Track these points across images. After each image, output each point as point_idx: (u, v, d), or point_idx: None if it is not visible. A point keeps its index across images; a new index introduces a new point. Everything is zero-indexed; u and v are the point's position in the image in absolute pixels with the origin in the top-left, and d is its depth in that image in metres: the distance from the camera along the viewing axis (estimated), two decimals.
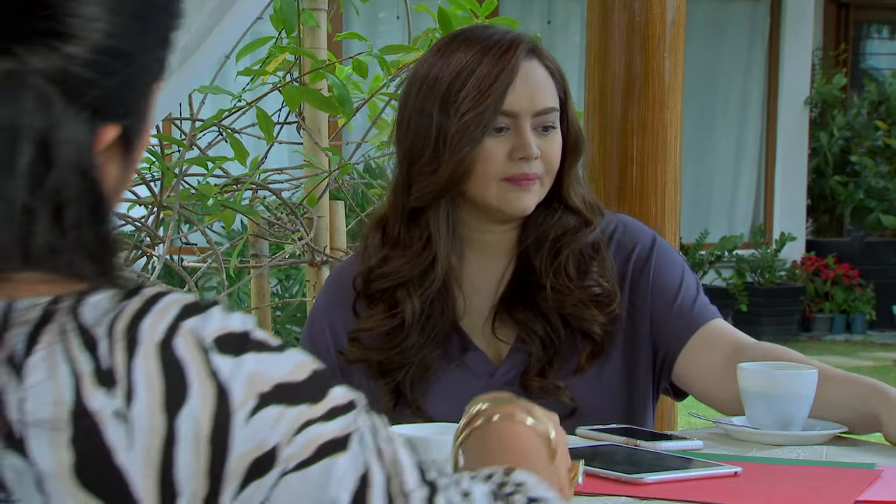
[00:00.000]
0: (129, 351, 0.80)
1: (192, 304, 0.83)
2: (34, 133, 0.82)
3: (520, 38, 1.80)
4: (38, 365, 0.79)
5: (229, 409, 0.80)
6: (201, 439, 0.80)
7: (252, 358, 0.82)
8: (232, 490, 0.81)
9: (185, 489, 0.80)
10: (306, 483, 0.83)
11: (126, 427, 0.79)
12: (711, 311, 1.86)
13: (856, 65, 10.73)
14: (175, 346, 0.81)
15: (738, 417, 1.72)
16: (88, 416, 0.78)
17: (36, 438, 0.78)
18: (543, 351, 1.80)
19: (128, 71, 0.87)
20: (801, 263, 9.58)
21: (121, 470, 0.79)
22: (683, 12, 2.51)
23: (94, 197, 0.85)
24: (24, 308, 0.82)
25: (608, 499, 1.35)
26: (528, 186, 1.77)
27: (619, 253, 1.87)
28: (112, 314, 0.81)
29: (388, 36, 8.35)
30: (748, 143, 9.97)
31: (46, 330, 0.80)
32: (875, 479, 1.42)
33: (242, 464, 0.81)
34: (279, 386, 0.83)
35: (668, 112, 2.49)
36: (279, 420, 0.82)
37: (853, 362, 8.30)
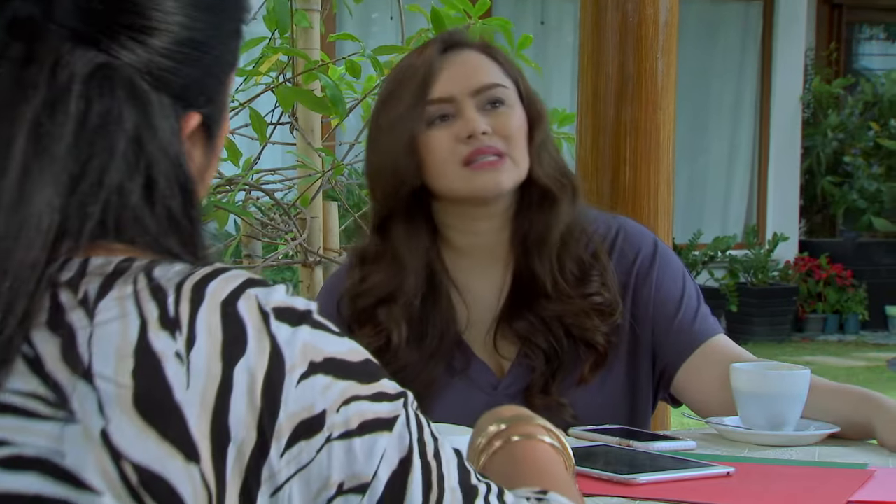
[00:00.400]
0: (194, 304, 0.85)
1: (259, 279, 0.89)
2: (128, 121, 0.89)
3: (437, 37, 1.85)
4: (109, 307, 0.84)
5: (283, 370, 0.84)
6: (255, 392, 0.83)
7: (308, 331, 0.87)
8: (280, 447, 0.84)
9: (236, 437, 0.83)
10: (350, 453, 0.86)
11: (185, 368, 0.83)
12: (713, 325, 1.85)
13: (848, 65, 10.74)
14: (238, 306, 0.85)
15: (731, 418, 1.72)
16: (151, 354, 0.83)
17: (102, 366, 0.82)
18: (547, 364, 1.79)
19: (206, 60, 0.94)
20: (793, 264, 9.60)
21: (179, 407, 0.82)
22: (676, 13, 2.52)
23: (181, 179, 0.92)
24: (100, 263, 0.87)
25: (601, 499, 1.35)
26: (496, 165, 1.76)
27: (621, 261, 1.85)
28: (182, 275, 0.87)
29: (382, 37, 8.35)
30: (741, 143, 9.98)
31: (119, 281, 0.86)
32: (867, 479, 1.42)
33: (291, 423, 0.84)
34: (331, 359, 0.87)
35: (661, 113, 2.49)
36: (327, 389, 0.86)
37: (846, 363, 8.31)
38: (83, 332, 0.84)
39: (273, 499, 0.84)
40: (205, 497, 0.82)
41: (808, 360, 8.20)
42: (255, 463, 0.83)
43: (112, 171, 0.88)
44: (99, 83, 0.88)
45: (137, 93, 0.90)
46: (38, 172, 0.86)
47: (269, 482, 0.84)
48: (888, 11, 10.89)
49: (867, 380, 7.45)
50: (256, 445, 0.83)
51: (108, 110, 0.88)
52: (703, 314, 1.85)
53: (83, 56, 0.88)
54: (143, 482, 0.81)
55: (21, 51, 0.88)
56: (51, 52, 0.88)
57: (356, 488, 0.86)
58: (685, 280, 1.87)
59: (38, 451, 0.82)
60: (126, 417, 0.82)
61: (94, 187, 0.88)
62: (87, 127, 0.88)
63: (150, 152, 0.90)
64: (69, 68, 0.88)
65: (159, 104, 0.91)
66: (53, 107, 0.87)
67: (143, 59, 0.90)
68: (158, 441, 0.82)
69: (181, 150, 0.93)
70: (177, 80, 0.92)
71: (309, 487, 0.85)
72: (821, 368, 7.77)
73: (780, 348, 8.81)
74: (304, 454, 0.84)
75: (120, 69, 0.89)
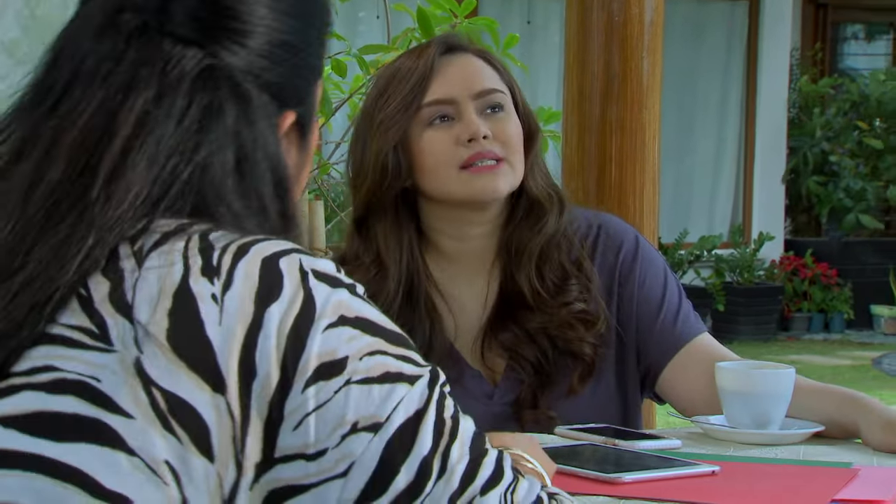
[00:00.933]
0: (237, 257, 0.93)
1: (307, 251, 0.96)
2: (230, 115, 0.98)
3: (435, 39, 1.85)
4: (158, 256, 0.93)
5: (312, 317, 0.91)
6: (283, 333, 0.90)
7: (346, 294, 0.94)
8: (301, 383, 0.90)
9: (261, 373, 0.90)
10: (367, 396, 0.92)
11: (219, 308, 0.90)
12: (695, 325, 1.84)
13: (833, 65, 10.78)
14: (280, 262, 0.93)
15: (716, 417, 1.72)
16: (188, 295, 0.91)
17: (142, 306, 0.91)
18: (536, 376, 1.78)
19: (297, 62, 1.04)
20: (779, 263, 9.62)
21: (209, 341, 0.90)
22: (662, 13, 2.52)
23: (278, 173, 1.01)
24: (162, 223, 0.95)
25: (586, 498, 1.35)
26: (493, 169, 1.75)
27: (603, 259, 1.85)
28: (234, 238, 0.95)
29: (368, 35, 8.34)
30: (727, 143, 10.00)
31: (173, 238, 0.94)
32: (852, 477, 1.43)
33: (312, 363, 0.90)
34: (363, 319, 0.94)
35: (646, 112, 2.50)
36: (353, 339, 0.93)
37: (831, 361, 8.34)
38: (130, 277, 0.92)
39: (295, 432, 0.90)
40: (229, 425, 0.89)
41: (793, 359, 8.22)
42: (278, 398, 0.90)
43: (210, 158, 0.97)
44: (204, 81, 0.98)
45: (240, 90, 0.99)
46: (138, 151, 0.95)
47: (291, 416, 0.90)
48: (873, 11, 10.93)
49: (852, 378, 7.48)
50: (280, 382, 0.90)
51: (210, 103, 0.98)
52: (686, 312, 1.85)
53: (192, 58, 0.99)
54: (171, 408, 0.89)
55: (137, 55, 0.98)
56: (162, 54, 0.98)
57: (369, 427, 0.91)
58: (667, 277, 1.86)
59: (78, 376, 0.90)
60: (159, 350, 0.89)
61: (188, 168, 0.96)
62: (190, 116, 0.97)
63: (247, 144, 0.99)
64: (179, 68, 0.98)
65: (259, 101, 1.01)
66: (160, 99, 0.97)
67: (244, 59, 1.00)
68: (188, 372, 0.89)
69: (279, 146, 1.02)
70: (273, 79, 1.02)
71: (325, 423, 0.90)
72: (806, 367, 7.79)
73: (765, 347, 8.83)
74: (322, 393, 0.90)
75: (224, 69, 0.99)
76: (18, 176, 0.97)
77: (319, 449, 0.91)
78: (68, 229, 0.93)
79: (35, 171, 0.96)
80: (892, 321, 9.61)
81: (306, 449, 0.90)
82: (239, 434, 0.89)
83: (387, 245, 1.79)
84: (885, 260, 9.80)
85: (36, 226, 0.94)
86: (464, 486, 0.95)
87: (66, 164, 0.96)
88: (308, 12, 1.06)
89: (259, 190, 1.00)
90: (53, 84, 1.00)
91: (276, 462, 0.90)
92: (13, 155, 0.98)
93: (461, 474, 0.95)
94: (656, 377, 1.83)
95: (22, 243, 0.94)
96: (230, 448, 0.89)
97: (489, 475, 0.97)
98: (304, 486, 0.91)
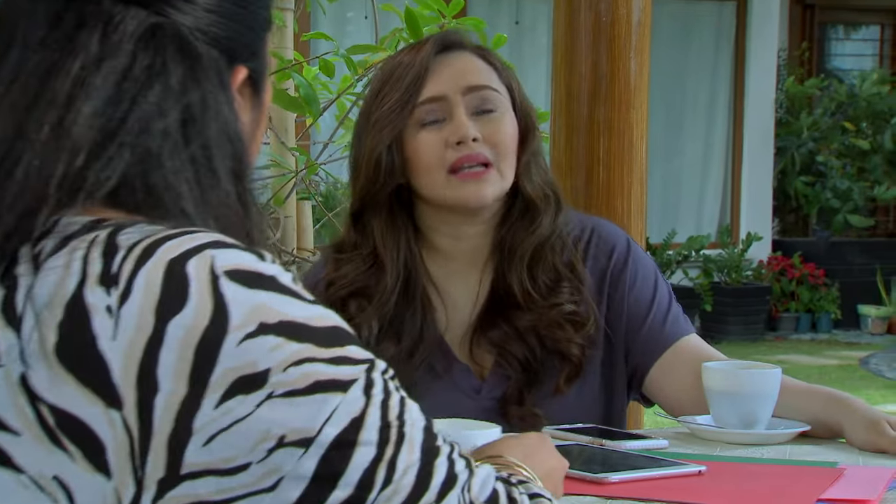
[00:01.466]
0: (140, 262, 0.87)
1: (226, 241, 0.89)
2: (174, 74, 0.94)
3: (432, 37, 1.83)
4: (56, 263, 0.88)
5: (224, 329, 0.85)
6: (187, 347, 0.84)
7: (265, 294, 0.87)
8: (214, 398, 0.84)
9: (164, 388, 0.84)
10: (293, 410, 0.85)
11: (113, 321, 0.85)
12: (684, 325, 1.85)
13: (820, 65, 10.80)
14: (187, 265, 0.86)
15: (703, 416, 1.72)
16: (81, 306, 0.85)
17: (31, 317, 0.86)
18: (523, 374, 1.78)
19: (246, 15, 1.00)
20: (767, 263, 9.64)
21: (102, 356, 0.84)
22: (649, 13, 2.52)
23: (230, 132, 0.96)
24: (67, 223, 0.90)
25: (574, 498, 1.35)
26: (480, 176, 1.76)
27: (595, 262, 1.85)
28: (144, 235, 0.88)
29: (357, 36, 8.34)
30: (715, 143, 10.02)
31: (76, 239, 0.88)
32: (837, 477, 1.43)
33: (227, 377, 0.85)
34: (286, 323, 0.86)
35: (634, 112, 2.50)
36: (275, 349, 0.85)
37: (819, 361, 8.35)
38: (25, 284, 0.87)
39: (205, 448, 0.85)
40: (126, 441, 0.84)
41: (781, 359, 8.24)
42: (185, 413, 0.84)
43: (150, 123, 0.92)
44: (147, 41, 0.93)
45: (186, 48, 0.95)
46: (73, 119, 0.90)
47: (201, 432, 0.84)
48: (860, 12, 10.96)
49: (839, 378, 7.49)
50: (187, 397, 0.84)
51: (152, 63, 0.93)
52: (675, 314, 1.85)
53: (135, 17, 0.94)
54: (59, 424, 0.84)
55: (75, 16, 0.93)
56: (102, 14, 0.93)
57: (298, 442, 0.85)
58: (657, 280, 1.87)
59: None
60: (45, 364, 0.85)
61: (123, 134, 0.91)
62: (129, 78, 0.92)
63: (194, 105, 0.94)
64: (121, 29, 0.93)
65: (208, 57, 0.96)
66: (101, 62, 0.92)
67: (191, 16, 0.96)
68: (77, 386, 0.84)
69: (231, 104, 0.97)
70: (222, 33, 0.97)
71: (245, 440, 0.85)
72: (794, 367, 7.81)
73: (753, 347, 8.85)
74: (240, 408, 0.84)
75: (169, 27, 0.94)
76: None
77: (240, 464, 0.85)
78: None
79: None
80: (879, 321, 9.63)
81: (222, 464, 0.85)
82: (138, 450, 0.84)
83: (384, 241, 1.80)
84: (872, 260, 9.83)
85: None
86: (417, 495, 0.89)
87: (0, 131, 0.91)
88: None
89: (209, 153, 0.94)
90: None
91: (184, 478, 0.85)
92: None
93: (412, 482, 0.89)
94: (643, 377, 1.84)
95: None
96: (128, 464, 0.84)
97: (443, 479, 0.91)
98: (221, 501, 0.86)
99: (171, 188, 0.92)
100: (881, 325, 9.63)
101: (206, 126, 0.95)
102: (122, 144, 0.91)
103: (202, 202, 0.94)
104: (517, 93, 1.83)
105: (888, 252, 10.04)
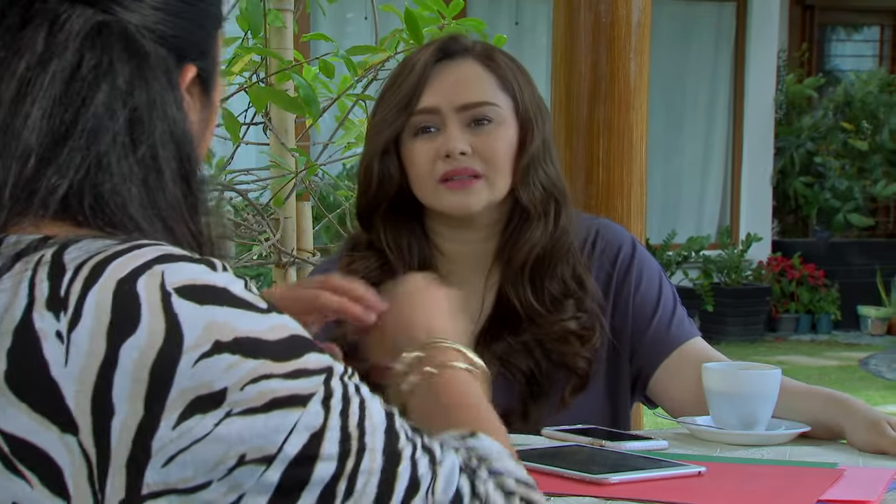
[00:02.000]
0: (88, 283, 0.85)
1: (174, 254, 0.87)
2: (121, 74, 0.92)
3: (438, 40, 1.81)
4: (4, 286, 0.86)
5: (179, 349, 0.84)
6: (142, 369, 0.83)
7: (218, 310, 0.86)
8: (172, 419, 0.84)
9: (120, 411, 0.83)
10: (252, 428, 0.85)
11: (64, 347, 0.84)
12: (689, 329, 1.85)
13: (820, 66, 10.80)
14: (136, 284, 0.85)
15: (703, 417, 1.72)
16: (31, 333, 0.84)
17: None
18: (527, 387, 1.78)
19: (194, 13, 0.98)
20: (767, 264, 9.64)
21: (55, 382, 0.84)
22: (649, 14, 2.52)
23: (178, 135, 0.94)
24: (11, 242, 0.88)
25: (573, 499, 1.35)
26: (467, 186, 1.75)
27: (601, 264, 1.85)
28: (90, 253, 0.87)
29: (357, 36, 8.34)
30: (715, 144, 10.02)
31: (23, 260, 0.87)
32: (837, 478, 1.43)
33: (185, 398, 0.84)
34: (242, 339, 0.85)
35: (633, 113, 2.50)
36: (231, 368, 0.85)
37: (818, 362, 8.35)
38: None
39: (165, 469, 0.84)
40: (83, 465, 0.84)
41: (780, 360, 8.24)
42: (142, 435, 0.84)
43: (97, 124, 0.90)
44: (93, 40, 0.91)
45: (133, 46, 0.93)
46: (21, 123, 0.88)
47: (160, 453, 0.84)
48: (860, 12, 10.96)
49: (839, 379, 7.49)
50: (144, 419, 0.84)
51: (99, 63, 0.91)
52: (680, 317, 1.85)
53: (81, 15, 0.92)
54: (14, 451, 0.84)
55: (20, 14, 0.91)
56: (47, 13, 0.91)
57: (259, 459, 0.85)
58: (662, 282, 1.87)
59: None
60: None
61: (72, 139, 0.89)
62: (77, 78, 0.90)
63: (141, 106, 0.92)
64: (67, 28, 0.91)
65: (156, 56, 0.94)
66: (47, 62, 0.90)
67: (138, 13, 0.94)
68: (30, 413, 0.84)
69: (180, 104, 0.95)
70: (170, 31, 0.95)
71: (205, 459, 0.85)
72: (793, 368, 7.81)
73: (752, 348, 8.84)
74: (198, 427, 0.84)
75: (116, 25, 0.92)
76: None
77: (200, 482, 0.85)
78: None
79: None
80: (878, 322, 9.63)
81: (182, 484, 0.85)
82: (97, 473, 0.84)
83: (392, 242, 1.81)
84: (871, 261, 9.83)
85: None
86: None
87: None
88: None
89: (155, 154, 0.92)
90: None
91: (145, 498, 0.84)
92: None
93: (374, 492, 0.88)
94: (648, 379, 1.83)
95: None
96: (87, 487, 0.84)
97: (406, 485, 0.90)
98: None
99: (118, 194, 0.90)
100: (881, 325, 9.63)
101: (153, 127, 0.93)
102: (72, 149, 0.89)
103: (149, 205, 0.92)
104: (521, 96, 1.80)
105: (888, 253, 10.04)
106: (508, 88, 1.80)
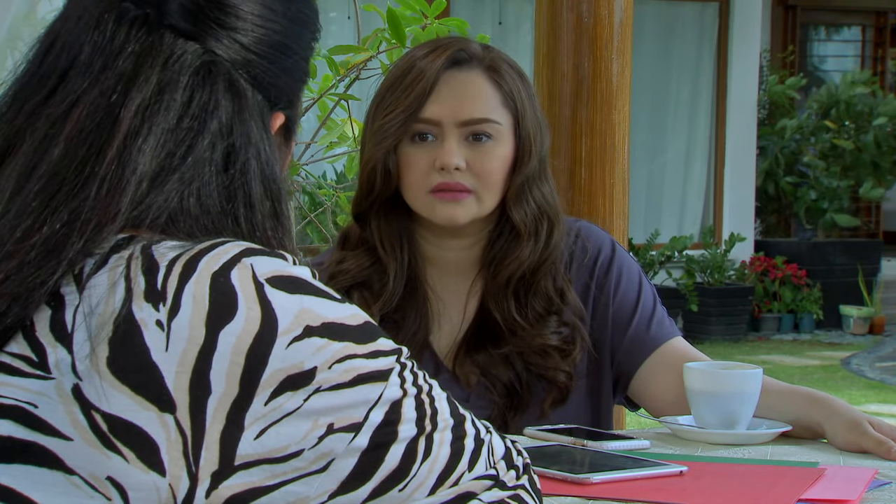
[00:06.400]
0: (184, 277, 0.92)
1: (254, 248, 0.95)
2: (224, 111, 1.00)
3: (449, 46, 1.80)
4: (100, 280, 0.93)
5: (274, 334, 0.92)
6: (239, 352, 0.91)
7: (306, 298, 0.94)
8: (265, 396, 0.91)
9: (216, 390, 0.91)
10: (340, 401, 0.94)
11: (164, 334, 0.91)
12: (669, 328, 1.85)
13: (803, 66, 10.84)
14: (230, 276, 0.93)
15: (685, 417, 1.73)
16: (131, 322, 0.91)
17: (82, 334, 0.91)
18: (507, 397, 1.79)
19: (290, 64, 1.05)
20: (749, 264, 9.67)
21: (155, 365, 0.91)
22: (631, 14, 2.53)
23: (268, 173, 1.02)
24: (102, 240, 0.95)
25: (555, 499, 1.35)
26: (457, 198, 1.76)
27: (580, 267, 1.85)
28: (179, 251, 0.94)
29: (340, 36, 8.34)
30: (697, 144, 10.04)
31: (114, 257, 0.94)
32: (818, 477, 1.43)
33: (277, 377, 0.92)
34: (328, 324, 0.94)
35: (616, 113, 2.50)
36: (321, 349, 0.93)
37: (801, 361, 8.38)
38: (71, 303, 0.93)
39: (258, 440, 0.92)
40: (179, 441, 0.91)
41: (763, 359, 8.26)
42: (236, 411, 0.91)
43: (203, 155, 0.98)
44: (203, 76, 0.99)
45: (235, 87, 1.01)
46: (139, 147, 0.96)
47: (253, 426, 0.91)
48: (842, 13, 11.00)
49: (822, 379, 7.52)
50: (239, 396, 0.91)
51: (208, 100, 0.99)
52: (660, 317, 1.85)
53: (192, 52, 1.00)
54: (112, 429, 0.90)
55: (138, 47, 0.99)
56: (164, 48, 0.99)
57: (346, 427, 0.94)
58: (641, 283, 1.87)
59: (15, 402, 0.92)
60: (98, 376, 0.90)
61: (183, 167, 0.97)
62: (189, 115, 0.98)
63: (237, 142, 1.00)
64: (180, 62, 0.99)
65: (253, 99, 1.02)
66: (161, 94, 0.98)
67: (240, 55, 1.01)
68: (132, 395, 0.90)
69: (272, 146, 1.03)
70: (267, 78, 1.03)
71: (297, 430, 0.92)
72: (776, 367, 7.83)
73: (735, 347, 8.87)
74: (289, 403, 0.92)
75: (221, 64, 1.00)
76: (10, 167, 0.97)
77: (292, 452, 0.93)
78: (61, 227, 0.94)
79: (27, 163, 0.96)
80: (860, 321, 9.67)
81: (275, 454, 0.92)
82: (191, 447, 0.91)
83: (384, 242, 1.81)
84: (854, 261, 9.87)
85: (29, 215, 0.94)
86: (451, 466, 0.98)
87: (62, 156, 0.96)
88: (301, 16, 1.07)
89: (247, 188, 1.00)
90: (49, 73, 0.99)
91: (237, 469, 0.92)
92: (4, 144, 0.98)
93: (448, 453, 0.98)
94: (629, 380, 1.84)
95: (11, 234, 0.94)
96: (181, 461, 0.91)
97: (473, 446, 1.00)
98: (273, 485, 0.93)
99: (210, 220, 0.98)
100: (863, 325, 9.67)
101: (248, 162, 1.00)
102: (180, 180, 0.97)
103: (236, 234, 0.99)
104: (522, 114, 1.79)
105: (869, 253, 10.08)
106: (511, 105, 1.79)
